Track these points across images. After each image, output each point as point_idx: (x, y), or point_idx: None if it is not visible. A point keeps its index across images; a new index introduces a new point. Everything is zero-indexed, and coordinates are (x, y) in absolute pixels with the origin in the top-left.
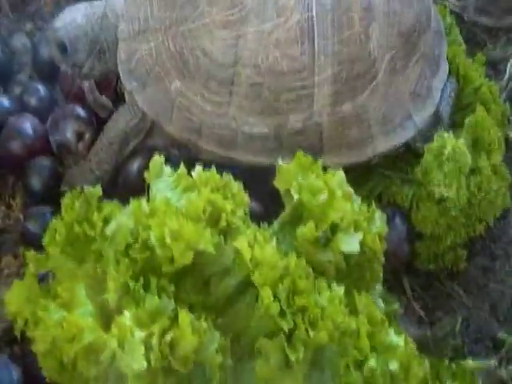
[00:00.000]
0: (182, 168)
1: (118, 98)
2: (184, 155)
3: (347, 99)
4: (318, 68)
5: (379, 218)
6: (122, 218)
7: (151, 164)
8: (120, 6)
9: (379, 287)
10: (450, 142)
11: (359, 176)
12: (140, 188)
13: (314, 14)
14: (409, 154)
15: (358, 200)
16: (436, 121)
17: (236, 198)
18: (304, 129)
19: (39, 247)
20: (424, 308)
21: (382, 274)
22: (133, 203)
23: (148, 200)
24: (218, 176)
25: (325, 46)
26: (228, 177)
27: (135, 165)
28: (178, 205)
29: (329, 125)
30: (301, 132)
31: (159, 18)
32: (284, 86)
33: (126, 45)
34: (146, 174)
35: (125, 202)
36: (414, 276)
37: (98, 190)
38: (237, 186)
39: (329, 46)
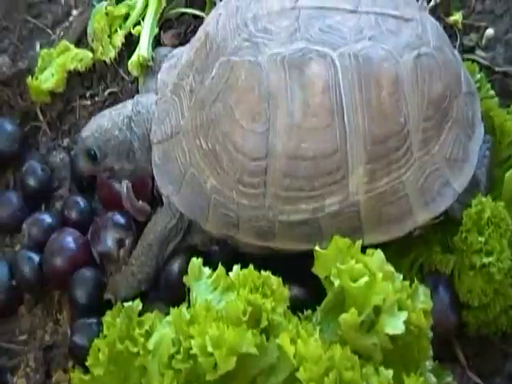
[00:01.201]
0: (221, 268)
1: (156, 200)
2: (223, 250)
3: (383, 176)
4: (351, 148)
5: (423, 293)
6: (164, 329)
7: (190, 267)
8: (150, 105)
9: (430, 362)
10: (488, 206)
11: (400, 248)
12: (182, 288)
13: (343, 94)
14: (448, 221)
15: (399, 277)
16: (474, 183)
17: (276, 294)
18: (341, 210)
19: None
20: (480, 375)
21: (430, 349)
22: (173, 312)
23: (189, 304)
24: (256, 273)
25: (356, 126)
26: (267, 273)
27: (176, 265)
28: (218, 307)
29: (366, 203)
30: (338, 214)
31: (190, 119)
32: (318, 172)
33: (159, 148)
34: (185, 278)
35: (168, 302)
36: (466, 342)
37: (137, 304)
38: (276, 281)
39: (360, 125)
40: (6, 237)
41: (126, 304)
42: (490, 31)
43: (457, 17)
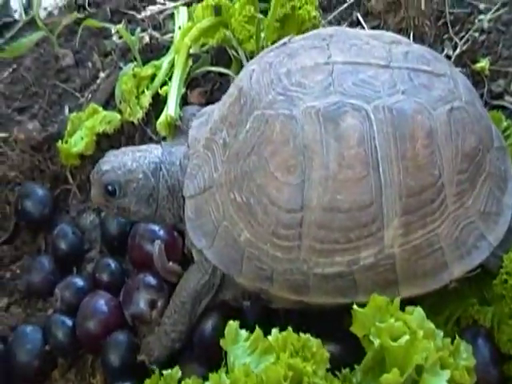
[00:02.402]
0: (258, 331)
1: (187, 259)
2: (255, 305)
3: (418, 228)
4: (386, 201)
5: (465, 350)
6: None
7: (226, 330)
8: (182, 158)
9: None
10: None
11: (435, 302)
12: (217, 347)
13: (378, 147)
14: (483, 274)
15: (440, 334)
16: (509, 236)
17: (316, 357)
18: (377, 263)
19: None
20: None
21: None
22: (212, 377)
23: (227, 369)
24: (295, 336)
25: (391, 178)
26: (306, 335)
27: (209, 323)
28: (257, 370)
29: (401, 256)
30: (373, 266)
31: (224, 173)
32: (353, 224)
33: (192, 202)
34: (222, 342)
35: (203, 363)
36: None
37: (176, 372)
38: (316, 344)
39: (395, 177)
40: (39, 301)
41: (165, 372)
42: None
43: (483, 63)
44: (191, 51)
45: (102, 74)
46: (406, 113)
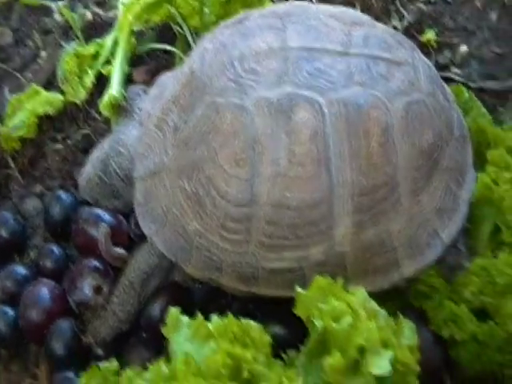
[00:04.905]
0: (200, 317)
1: (133, 242)
2: (206, 286)
3: (369, 226)
4: (337, 199)
5: (408, 329)
6: None
7: (168, 318)
8: (131, 142)
9: None
10: None
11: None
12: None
13: (331, 144)
14: None
15: (383, 314)
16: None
17: (257, 343)
18: (326, 260)
19: None
20: None
21: None
22: (152, 369)
23: (167, 356)
24: (236, 322)
25: (343, 177)
26: (247, 321)
27: (157, 305)
28: (197, 358)
29: (352, 253)
30: (323, 263)
31: (174, 158)
32: (303, 221)
33: (141, 185)
34: (163, 329)
35: (150, 346)
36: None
37: (114, 365)
38: (257, 329)
39: (347, 176)
40: None
41: (102, 365)
42: (463, 48)
43: (430, 35)
44: (135, 28)
45: (43, 53)
46: (361, 108)
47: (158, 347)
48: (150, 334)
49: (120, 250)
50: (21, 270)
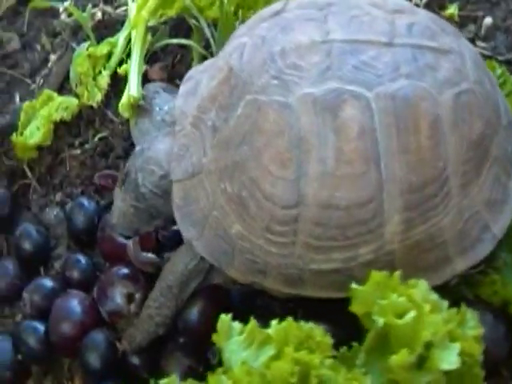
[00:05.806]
0: (252, 322)
1: (162, 245)
2: (246, 289)
3: (419, 223)
4: (387, 197)
5: (472, 318)
6: None
7: (219, 326)
8: (162, 157)
9: None
10: None
11: None
12: (203, 333)
13: (379, 140)
14: None
15: (445, 305)
16: None
17: (322, 346)
18: (376, 259)
19: None
20: None
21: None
22: (211, 380)
23: (222, 366)
24: (297, 326)
25: (392, 173)
26: (309, 324)
27: (195, 308)
28: (255, 365)
29: (401, 251)
30: (372, 263)
31: (214, 160)
32: (351, 221)
33: (179, 187)
34: (214, 338)
35: (188, 352)
36: None
37: (173, 380)
38: (320, 332)
39: (396, 172)
40: (5, 308)
41: (161, 382)
42: (488, 20)
43: (452, 10)
44: (149, 24)
45: (52, 57)
46: (409, 101)
47: (197, 353)
48: (187, 338)
49: (149, 255)
50: (48, 282)
